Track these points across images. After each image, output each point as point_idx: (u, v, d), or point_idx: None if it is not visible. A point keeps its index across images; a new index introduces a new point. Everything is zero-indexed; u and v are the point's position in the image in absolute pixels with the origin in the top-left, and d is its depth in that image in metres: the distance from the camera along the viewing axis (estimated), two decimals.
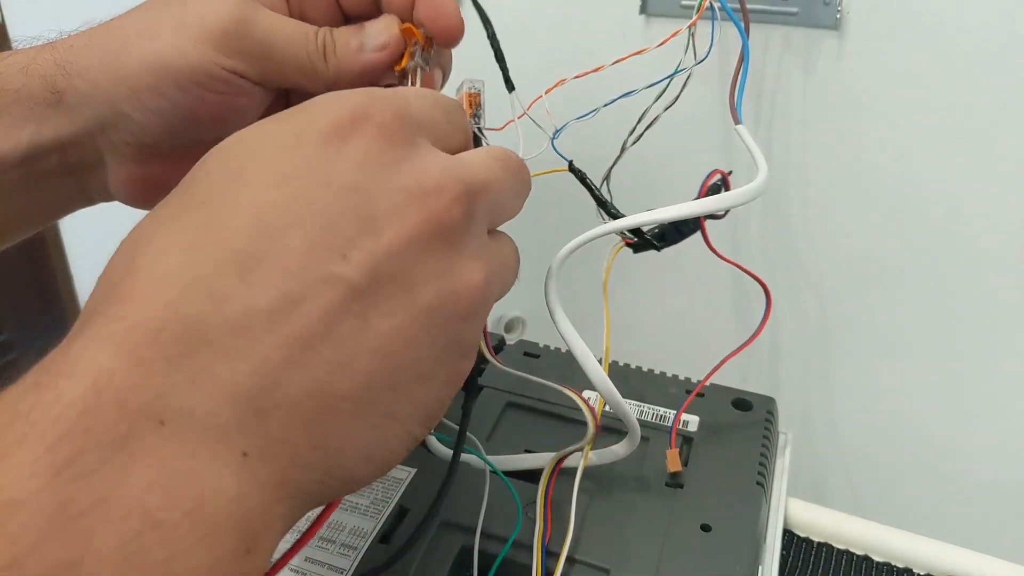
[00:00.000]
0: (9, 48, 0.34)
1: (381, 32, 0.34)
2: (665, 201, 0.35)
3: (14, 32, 0.75)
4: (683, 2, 0.49)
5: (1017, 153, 0.46)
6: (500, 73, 0.36)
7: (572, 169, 0.36)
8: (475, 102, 0.34)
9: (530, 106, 0.37)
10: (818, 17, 0.46)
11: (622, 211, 0.36)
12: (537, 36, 0.55)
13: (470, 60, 0.36)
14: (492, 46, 0.35)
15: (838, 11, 0.46)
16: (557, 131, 0.37)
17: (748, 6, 0.44)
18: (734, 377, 0.45)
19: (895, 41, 0.46)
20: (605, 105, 0.41)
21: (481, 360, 0.48)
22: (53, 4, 0.73)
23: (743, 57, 0.43)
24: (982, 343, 0.52)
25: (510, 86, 0.36)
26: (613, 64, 0.41)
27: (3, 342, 0.94)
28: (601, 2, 0.52)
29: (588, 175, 0.38)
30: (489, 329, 0.42)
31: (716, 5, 0.43)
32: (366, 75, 0.34)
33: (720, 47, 0.45)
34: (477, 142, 0.33)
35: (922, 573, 0.43)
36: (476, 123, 0.34)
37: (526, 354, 0.50)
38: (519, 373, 0.36)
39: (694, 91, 0.43)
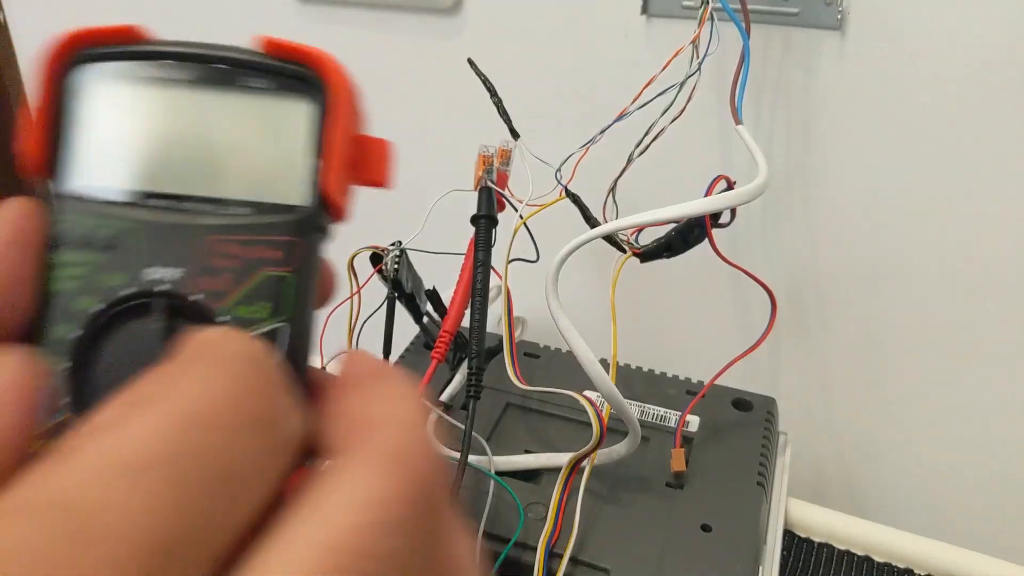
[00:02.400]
0: (11, 48, 0.32)
1: None
2: (667, 205, 0.36)
3: (15, 32, 0.75)
4: (684, 2, 0.49)
5: (1019, 153, 0.46)
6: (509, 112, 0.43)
7: (567, 193, 0.41)
8: (488, 162, 0.41)
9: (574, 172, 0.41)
10: (819, 17, 0.46)
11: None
12: (540, 37, 0.55)
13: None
14: (495, 103, 0.42)
15: (839, 11, 0.46)
16: (559, 168, 0.42)
17: (749, 6, 0.44)
18: (734, 377, 0.45)
19: (896, 41, 0.46)
20: (601, 132, 0.42)
21: (483, 360, 0.49)
22: (53, 4, 0.73)
23: (744, 57, 0.43)
24: (982, 343, 0.52)
25: (515, 135, 0.42)
26: (633, 103, 0.43)
27: None
28: (603, 3, 0.52)
29: (597, 183, 0.42)
30: (489, 330, 0.42)
31: (717, 5, 0.43)
32: None
33: (721, 47, 0.45)
34: (490, 196, 0.41)
35: (922, 573, 0.43)
36: (489, 177, 0.41)
37: (526, 354, 0.50)
38: (536, 388, 0.37)
39: (696, 92, 0.43)
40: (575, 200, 0.41)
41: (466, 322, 0.39)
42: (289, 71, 0.21)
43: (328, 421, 0.14)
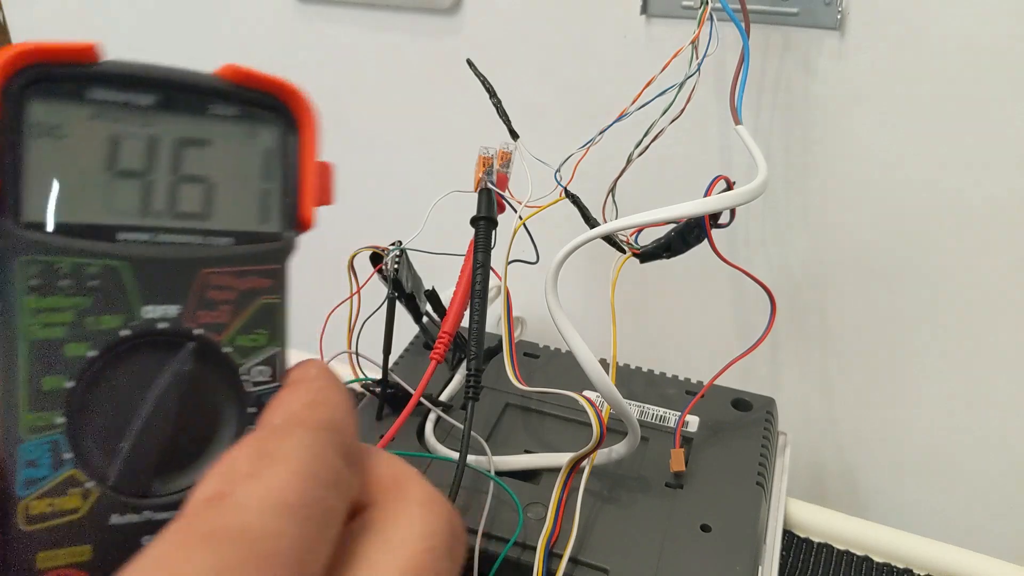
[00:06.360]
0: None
1: None
2: (667, 205, 0.36)
3: (15, 32, 0.75)
4: (684, 3, 0.49)
5: (1017, 152, 0.46)
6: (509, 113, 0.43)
7: (567, 194, 0.41)
8: (488, 164, 0.41)
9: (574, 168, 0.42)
10: (819, 17, 0.46)
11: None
12: (540, 37, 0.55)
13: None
14: (494, 104, 0.41)
15: (839, 11, 0.46)
16: (558, 169, 0.42)
17: (748, 6, 0.44)
18: (734, 377, 0.45)
19: (895, 41, 0.46)
20: (601, 133, 0.42)
21: (482, 361, 0.49)
22: (53, 4, 0.73)
23: (743, 57, 0.43)
24: (982, 343, 0.52)
25: (514, 136, 0.42)
26: (633, 104, 0.43)
27: None
28: (602, 3, 0.52)
29: (597, 183, 0.42)
30: (489, 330, 0.42)
31: (717, 5, 0.43)
32: None
33: (720, 47, 0.45)
34: (490, 197, 0.40)
35: (922, 573, 0.43)
36: (489, 179, 0.41)
37: (526, 354, 0.50)
38: (536, 388, 0.37)
39: (695, 92, 0.43)
40: (574, 201, 0.41)
41: (465, 323, 0.40)
42: (257, 99, 0.21)
43: (366, 481, 0.19)
